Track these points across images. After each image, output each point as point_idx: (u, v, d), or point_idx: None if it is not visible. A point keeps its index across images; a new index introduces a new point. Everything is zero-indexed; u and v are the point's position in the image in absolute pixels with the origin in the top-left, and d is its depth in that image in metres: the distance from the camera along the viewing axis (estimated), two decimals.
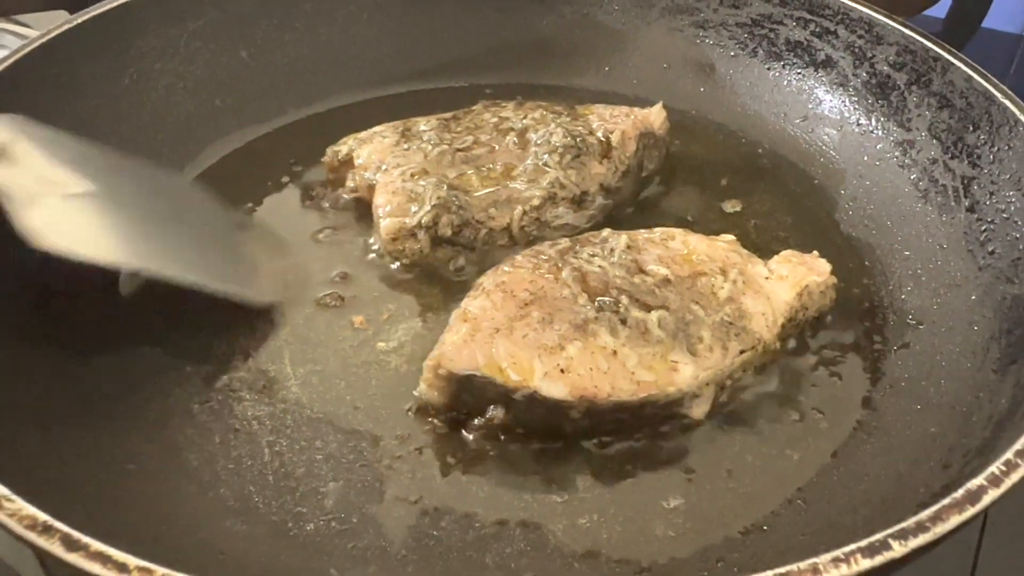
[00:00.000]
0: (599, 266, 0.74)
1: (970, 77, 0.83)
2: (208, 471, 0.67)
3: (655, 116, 0.92)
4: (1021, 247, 0.73)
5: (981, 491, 0.49)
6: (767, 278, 0.76)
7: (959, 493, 0.49)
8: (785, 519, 0.65)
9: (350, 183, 0.87)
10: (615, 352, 0.68)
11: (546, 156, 0.84)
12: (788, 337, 0.76)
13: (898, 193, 0.88)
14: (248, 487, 0.66)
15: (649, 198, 0.93)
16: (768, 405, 0.72)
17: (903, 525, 0.49)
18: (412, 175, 0.82)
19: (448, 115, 0.90)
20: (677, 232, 0.79)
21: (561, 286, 0.72)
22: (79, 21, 0.88)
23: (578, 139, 0.85)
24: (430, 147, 0.85)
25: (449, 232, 0.80)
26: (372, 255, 0.84)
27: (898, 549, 0.48)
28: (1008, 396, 0.61)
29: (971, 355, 0.70)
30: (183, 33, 0.96)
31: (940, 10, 1.24)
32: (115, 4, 0.91)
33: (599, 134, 0.87)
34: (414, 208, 0.80)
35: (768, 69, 1.02)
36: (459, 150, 0.85)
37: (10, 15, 1.04)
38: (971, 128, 0.82)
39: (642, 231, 0.79)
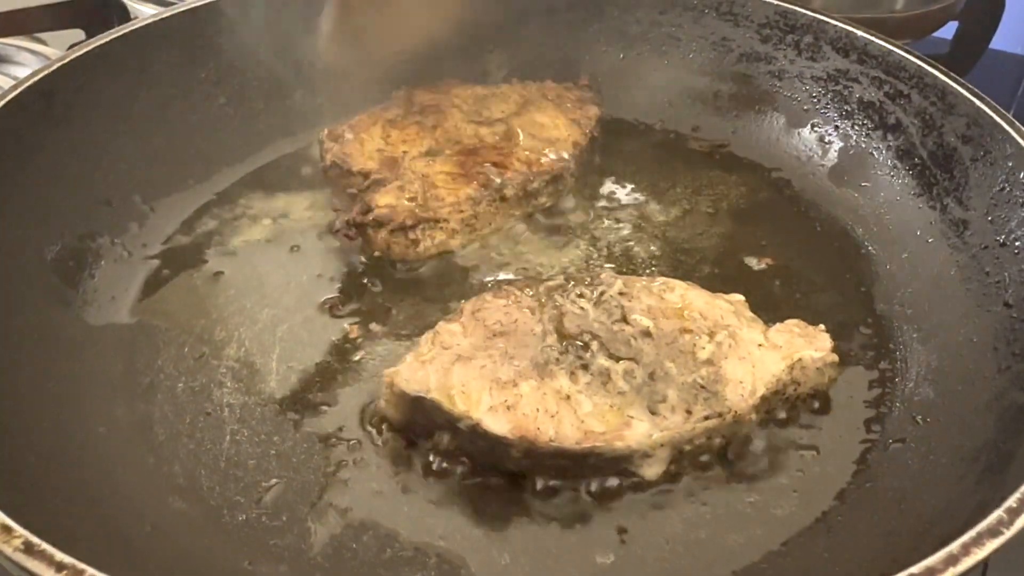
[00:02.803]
0: (581, 308, 0.73)
1: None
2: (170, 447, 0.70)
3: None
4: None
5: None
6: (760, 345, 0.72)
7: None
8: None
9: None
10: (568, 397, 0.67)
11: None
12: (772, 411, 0.72)
13: (943, 275, 0.81)
14: (200, 469, 0.69)
15: (679, 241, 0.90)
16: (733, 479, 0.69)
17: None
18: None
19: None
20: (679, 285, 0.77)
21: (535, 323, 0.71)
22: (166, 15, 0.95)
23: None
24: None
25: None
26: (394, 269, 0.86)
27: None
28: (967, 513, 0.55)
29: (959, 463, 0.64)
30: (264, 36, 1.02)
31: (947, 31, 1.19)
32: (201, 3, 0.97)
33: None
34: None
35: (837, 128, 0.97)
36: None
37: (30, 33, 1.12)
38: None
39: (642, 279, 0.77)
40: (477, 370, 0.68)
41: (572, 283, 0.76)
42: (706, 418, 0.67)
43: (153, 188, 0.92)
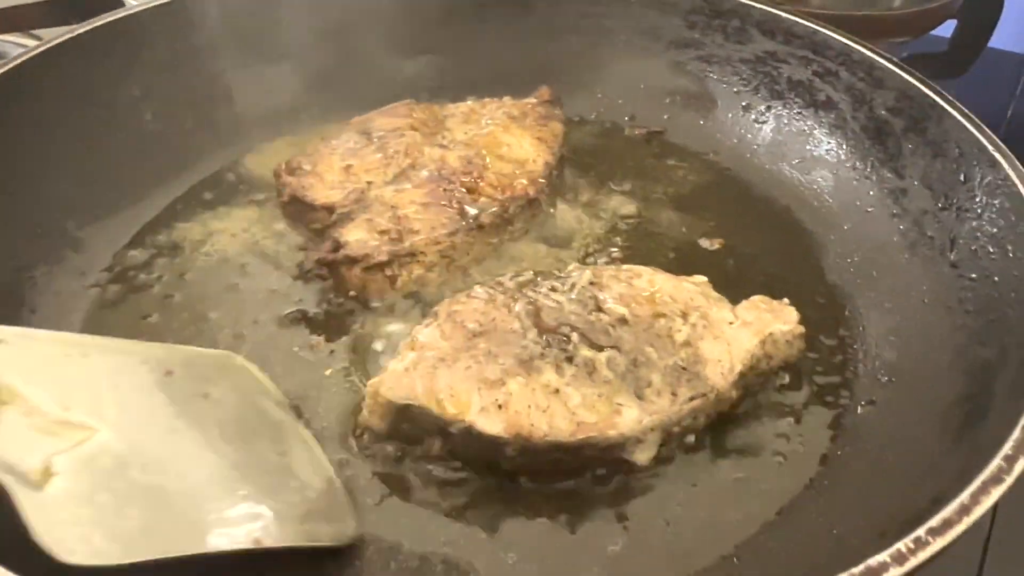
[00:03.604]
0: (556, 301, 0.73)
1: (964, 127, 0.80)
2: None
3: None
4: (996, 308, 0.70)
5: (882, 568, 0.47)
6: (731, 323, 0.74)
7: (858, 568, 0.47)
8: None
9: None
10: (557, 390, 0.67)
11: None
12: (749, 386, 0.74)
13: (887, 243, 0.85)
14: None
15: (631, 228, 0.91)
16: (719, 456, 0.70)
17: None
18: None
19: None
20: (644, 271, 0.78)
21: (513, 319, 0.71)
22: (80, 31, 0.90)
23: None
24: None
25: None
26: None
27: None
28: (956, 470, 0.58)
29: (933, 419, 0.67)
30: (188, 47, 0.98)
31: (946, 30, 1.21)
32: (122, 15, 0.93)
33: None
34: None
35: (769, 108, 1.00)
36: None
37: (26, 30, 1.08)
38: (962, 180, 0.79)
39: (609, 267, 0.78)
40: (463, 372, 0.67)
41: (540, 277, 0.76)
42: (691, 399, 0.68)
43: (86, 213, 0.87)
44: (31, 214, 0.83)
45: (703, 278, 0.79)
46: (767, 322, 0.74)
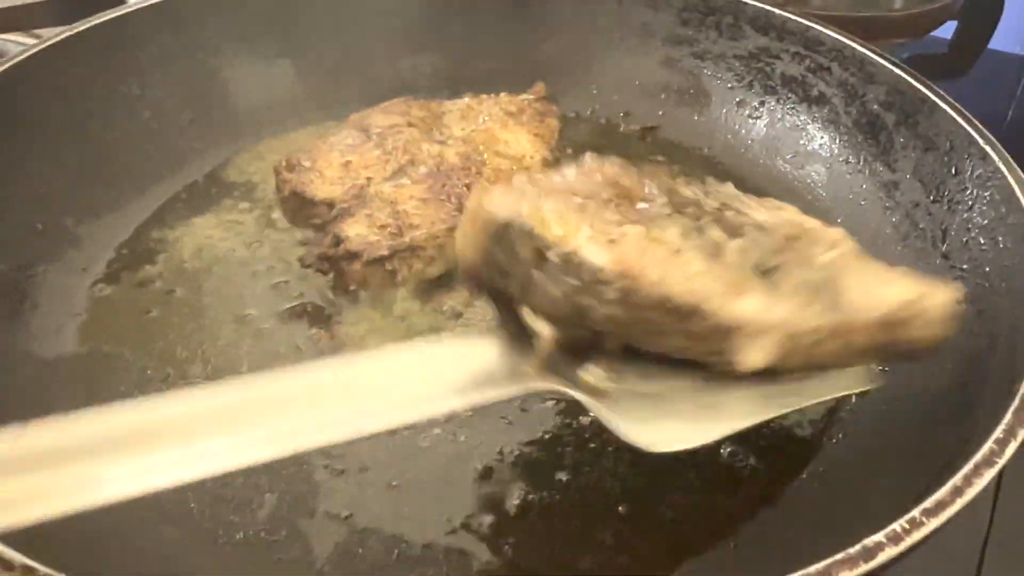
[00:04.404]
0: (693, 192, 0.62)
1: (955, 120, 0.81)
2: None
3: None
4: (986, 298, 0.71)
5: (878, 548, 0.48)
6: (881, 272, 0.61)
7: (854, 549, 0.48)
8: (715, 565, 0.64)
9: None
10: (679, 251, 0.55)
11: None
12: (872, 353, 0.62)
13: (880, 236, 0.86)
14: (187, 493, 0.67)
15: None
16: (721, 444, 0.71)
17: None
18: None
19: None
20: (791, 206, 0.66)
21: (644, 187, 0.61)
22: (79, 29, 0.91)
23: None
24: None
25: None
26: None
27: None
28: (948, 457, 0.59)
29: (924, 406, 0.69)
30: (186, 45, 0.99)
31: (946, 31, 1.21)
32: (120, 12, 0.94)
33: None
34: None
35: (762, 103, 1.01)
36: None
37: (28, 30, 1.09)
38: (953, 173, 0.80)
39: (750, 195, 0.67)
40: (577, 206, 0.57)
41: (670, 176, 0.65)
42: (825, 313, 0.56)
43: (85, 210, 0.88)
44: (31, 212, 0.84)
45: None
46: (921, 288, 0.61)
